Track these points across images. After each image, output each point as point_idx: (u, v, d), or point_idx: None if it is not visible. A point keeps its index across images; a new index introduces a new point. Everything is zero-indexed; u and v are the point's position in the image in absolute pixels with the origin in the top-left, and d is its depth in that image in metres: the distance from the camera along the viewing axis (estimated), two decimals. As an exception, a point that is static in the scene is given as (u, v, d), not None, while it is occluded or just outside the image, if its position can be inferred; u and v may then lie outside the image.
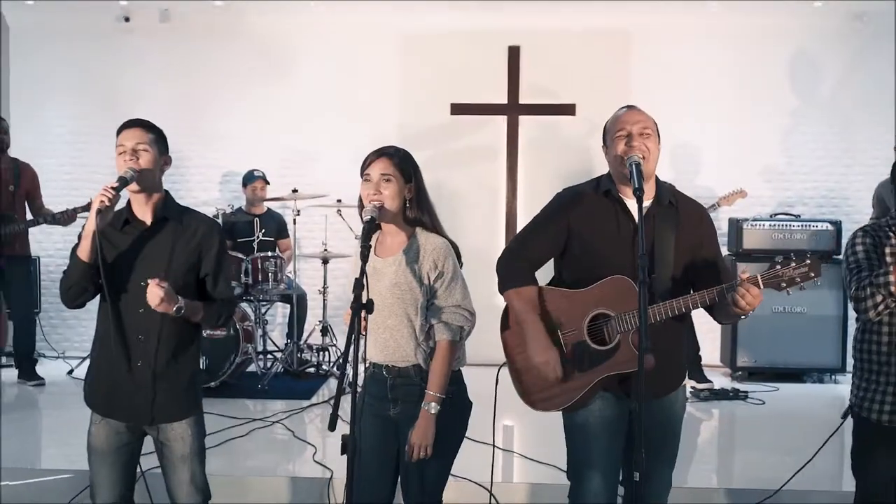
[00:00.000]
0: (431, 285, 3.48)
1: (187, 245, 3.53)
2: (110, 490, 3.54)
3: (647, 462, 3.27)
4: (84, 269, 3.38)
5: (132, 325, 3.47)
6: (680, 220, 3.47)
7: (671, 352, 3.47)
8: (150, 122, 3.63)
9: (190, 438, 3.56)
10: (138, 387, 3.49)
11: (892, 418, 3.57)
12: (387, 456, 3.57)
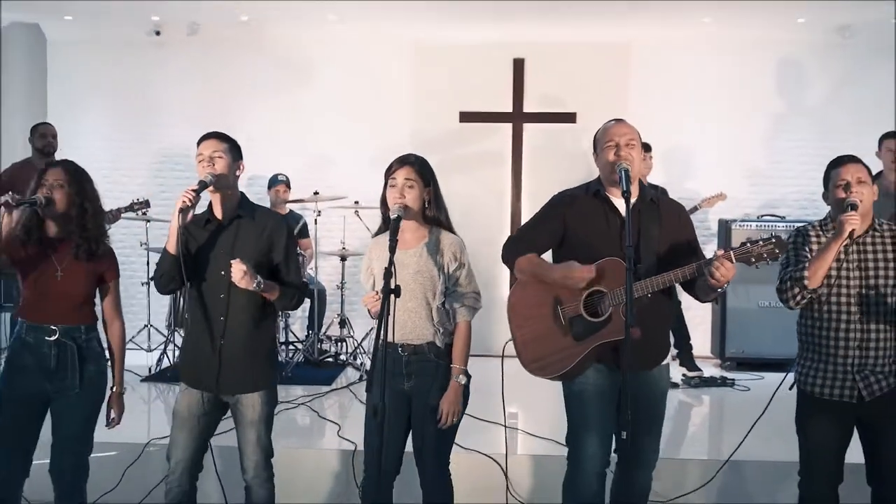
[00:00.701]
0: (452, 274, 3.99)
1: (259, 238, 4.00)
2: (184, 451, 4.03)
3: (636, 429, 3.75)
4: (172, 260, 3.89)
5: (215, 308, 3.97)
6: (661, 216, 3.96)
7: (656, 329, 3.94)
8: (225, 133, 4.12)
9: (260, 407, 4.05)
10: (220, 361, 3.98)
11: (822, 391, 4.04)
12: (399, 428, 4.02)
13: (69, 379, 4.08)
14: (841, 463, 4.16)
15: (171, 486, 4.08)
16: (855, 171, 4.06)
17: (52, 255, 4.10)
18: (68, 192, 4.09)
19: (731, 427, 6.41)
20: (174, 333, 7.68)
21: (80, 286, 4.14)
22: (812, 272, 3.90)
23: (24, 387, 4.10)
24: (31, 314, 4.10)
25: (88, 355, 4.16)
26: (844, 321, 4.00)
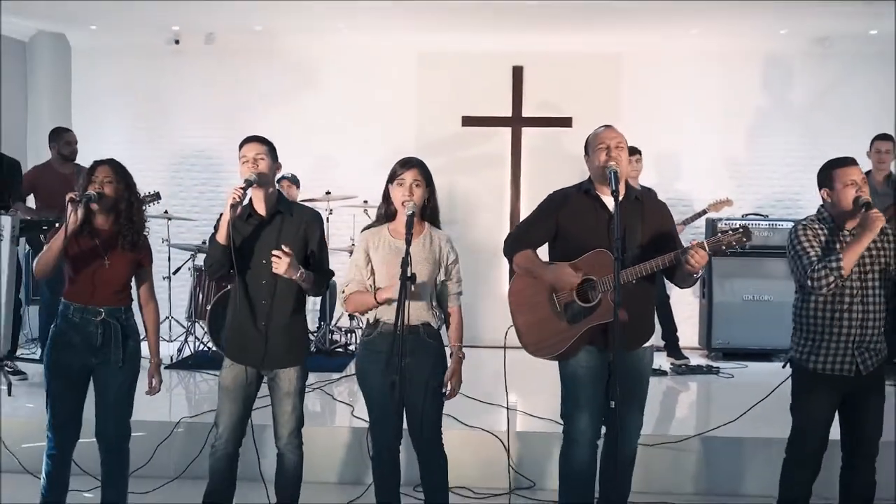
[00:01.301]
0: (447, 266, 4.43)
1: (296, 231, 4.44)
2: (230, 418, 4.49)
3: (622, 403, 4.20)
4: (222, 250, 4.33)
5: (257, 293, 4.42)
6: (644, 211, 4.39)
7: (641, 314, 4.36)
8: (265, 136, 4.56)
9: (295, 381, 4.50)
10: (262, 340, 4.43)
11: (824, 367, 4.42)
12: (400, 403, 4.30)
13: (113, 353, 4.51)
14: (827, 433, 4.53)
15: (218, 449, 4.53)
16: (859, 172, 4.45)
17: (100, 243, 4.52)
18: (117, 188, 4.51)
19: (714, 408, 6.86)
20: (194, 325, 8.09)
21: (122, 273, 4.57)
22: (847, 263, 4.26)
23: (70, 361, 4.52)
24: (79, 298, 4.51)
25: (129, 333, 4.59)
26: (847, 302, 4.38)
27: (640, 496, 5.05)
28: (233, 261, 4.36)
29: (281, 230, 4.46)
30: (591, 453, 4.43)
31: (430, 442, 4.49)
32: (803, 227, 4.49)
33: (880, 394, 4.51)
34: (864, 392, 4.46)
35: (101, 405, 4.61)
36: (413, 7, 8.03)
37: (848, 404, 4.51)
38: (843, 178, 4.39)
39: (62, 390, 4.56)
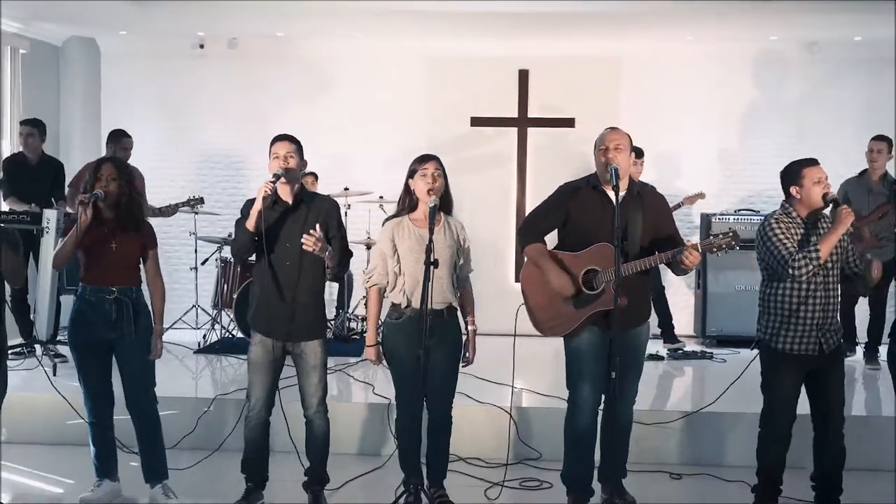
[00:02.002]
0: (465, 250, 4.93)
1: (317, 218, 4.87)
2: (261, 389, 4.95)
3: (621, 375, 4.65)
4: (250, 236, 4.79)
5: (282, 273, 4.86)
6: (644, 205, 4.85)
7: (638, 300, 4.82)
8: (293, 135, 4.98)
9: (319, 353, 4.96)
10: (288, 315, 4.86)
11: (791, 347, 4.88)
12: (420, 373, 4.77)
13: (126, 328, 5.01)
14: (795, 407, 5.00)
15: (252, 418, 5.00)
16: (824, 172, 4.89)
17: (108, 231, 5.01)
18: (119, 184, 5.02)
19: (708, 389, 7.21)
20: (220, 313, 8.50)
21: (129, 256, 5.09)
22: (824, 252, 4.72)
23: (90, 337, 5.03)
24: (93, 279, 5.02)
25: (139, 309, 5.10)
26: (812, 288, 4.82)
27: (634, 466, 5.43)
28: (263, 245, 4.80)
29: (304, 218, 4.89)
30: (593, 418, 4.91)
31: (443, 408, 5.00)
32: (776, 220, 4.90)
33: (840, 369, 4.99)
34: (827, 369, 4.93)
35: (125, 378, 5.11)
36: (424, 14, 8.27)
37: (812, 380, 4.97)
38: (811, 177, 4.82)
39: (88, 363, 5.09)
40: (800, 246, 4.79)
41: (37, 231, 7.19)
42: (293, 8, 8.07)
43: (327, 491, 5.20)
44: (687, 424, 6.16)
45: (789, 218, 4.90)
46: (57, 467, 5.78)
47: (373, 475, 5.71)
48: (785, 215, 4.92)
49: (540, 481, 5.66)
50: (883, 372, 7.23)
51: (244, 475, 5.13)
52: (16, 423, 5.39)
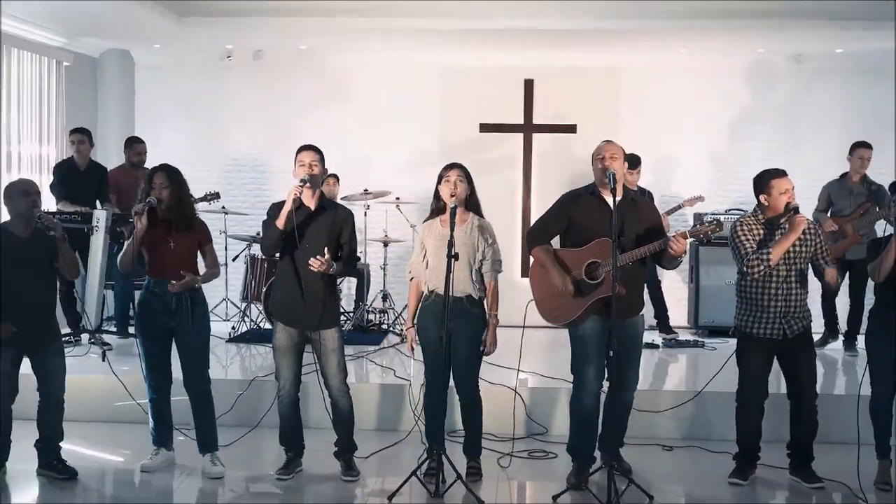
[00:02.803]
0: (485, 247, 5.46)
1: (334, 223, 5.45)
2: (288, 370, 5.56)
3: (621, 362, 5.25)
4: (279, 234, 5.36)
5: (302, 270, 5.40)
6: (638, 209, 5.42)
7: (634, 289, 5.41)
8: (317, 145, 5.54)
9: (336, 339, 5.54)
10: (307, 307, 5.43)
11: (759, 332, 5.50)
12: (448, 355, 5.44)
13: (185, 316, 5.61)
14: (766, 384, 5.62)
15: (283, 397, 5.61)
16: (790, 182, 5.49)
17: (165, 232, 5.61)
18: (171, 191, 5.60)
19: (699, 373, 7.74)
20: (249, 306, 9.04)
21: (186, 251, 5.69)
22: (775, 255, 5.34)
23: (154, 323, 5.65)
24: (156, 273, 5.63)
25: (197, 300, 5.71)
26: (775, 282, 5.44)
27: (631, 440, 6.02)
28: (295, 241, 5.37)
29: (323, 223, 5.45)
30: (596, 399, 5.49)
31: (470, 386, 5.56)
32: (741, 223, 5.54)
33: (809, 351, 5.59)
34: (795, 351, 5.54)
35: (184, 360, 5.71)
36: (436, 31, 8.76)
37: (785, 362, 5.59)
38: (779, 187, 5.44)
39: (150, 345, 5.70)
40: (759, 247, 5.39)
41: (87, 230, 7.78)
42: (315, 24, 8.60)
43: (356, 459, 5.79)
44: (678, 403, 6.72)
45: (756, 221, 5.51)
46: (112, 441, 6.36)
47: (395, 447, 6.27)
48: (753, 218, 5.53)
49: (546, 452, 6.26)
50: (860, 358, 7.85)
51: (283, 447, 5.74)
52: (72, 403, 5.91)
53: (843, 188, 8.23)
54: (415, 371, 7.11)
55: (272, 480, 5.64)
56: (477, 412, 5.66)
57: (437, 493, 5.31)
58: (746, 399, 5.67)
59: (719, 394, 6.47)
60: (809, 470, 5.65)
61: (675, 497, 5.66)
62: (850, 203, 8.13)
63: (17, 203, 5.39)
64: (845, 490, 5.54)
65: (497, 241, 5.62)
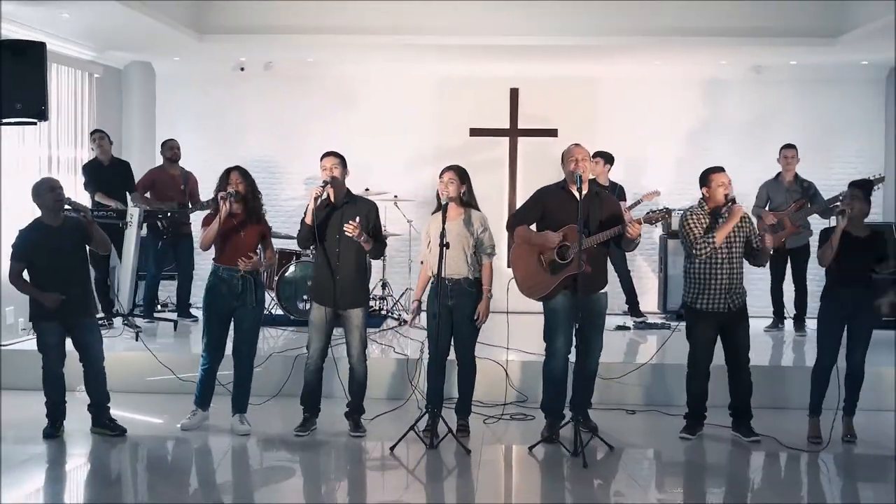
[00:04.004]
0: (479, 236, 6.30)
1: (357, 213, 6.27)
2: (317, 342, 6.41)
3: (587, 332, 6.14)
4: (309, 229, 6.21)
5: (333, 257, 6.27)
6: (601, 202, 6.29)
7: (598, 268, 6.26)
8: (338, 151, 6.37)
9: (360, 317, 6.40)
10: (338, 288, 6.28)
11: (703, 307, 6.38)
12: (447, 326, 6.30)
13: (249, 297, 6.45)
14: (711, 352, 6.49)
15: (310, 365, 6.47)
16: (727, 177, 6.39)
17: (237, 223, 6.44)
18: (245, 186, 6.45)
19: (663, 350, 8.58)
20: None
21: (252, 242, 6.52)
22: (718, 239, 6.23)
23: (220, 305, 6.47)
24: (226, 261, 6.44)
25: (259, 284, 6.56)
26: (720, 262, 6.32)
27: (599, 405, 7.00)
28: (325, 233, 6.25)
29: (348, 214, 6.28)
30: (565, 364, 6.37)
31: (468, 353, 6.44)
32: (689, 213, 6.43)
33: (745, 322, 6.46)
34: (735, 323, 6.42)
35: (238, 333, 6.56)
36: (431, 46, 9.51)
37: (725, 332, 6.46)
38: (717, 181, 6.33)
39: (214, 324, 6.53)
40: (705, 233, 6.27)
41: (122, 225, 8.59)
42: (321, 39, 9.37)
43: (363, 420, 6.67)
44: (642, 375, 7.62)
45: (702, 212, 6.39)
46: (150, 408, 7.22)
47: (396, 411, 7.15)
48: (699, 209, 6.41)
49: (525, 415, 7.16)
50: (808, 337, 8.72)
51: (302, 407, 6.61)
52: (110, 377, 6.60)
53: (779, 186, 9.14)
54: (411, 350, 7.95)
55: (291, 436, 6.51)
56: (471, 376, 6.54)
57: (432, 445, 6.22)
58: (696, 365, 6.55)
59: (679, 366, 7.14)
60: (748, 426, 6.54)
61: (632, 448, 6.54)
62: (785, 198, 9.03)
63: (46, 198, 6.25)
64: (776, 443, 6.46)
65: (489, 230, 6.47)
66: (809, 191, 8.98)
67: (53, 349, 6.31)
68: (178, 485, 5.81)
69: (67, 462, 6.18)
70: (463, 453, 6.17)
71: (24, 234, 6.28)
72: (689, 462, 6.31)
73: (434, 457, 6.18)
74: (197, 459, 6.36)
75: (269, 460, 6.33)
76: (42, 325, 6.29)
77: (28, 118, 7.00)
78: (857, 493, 5.94)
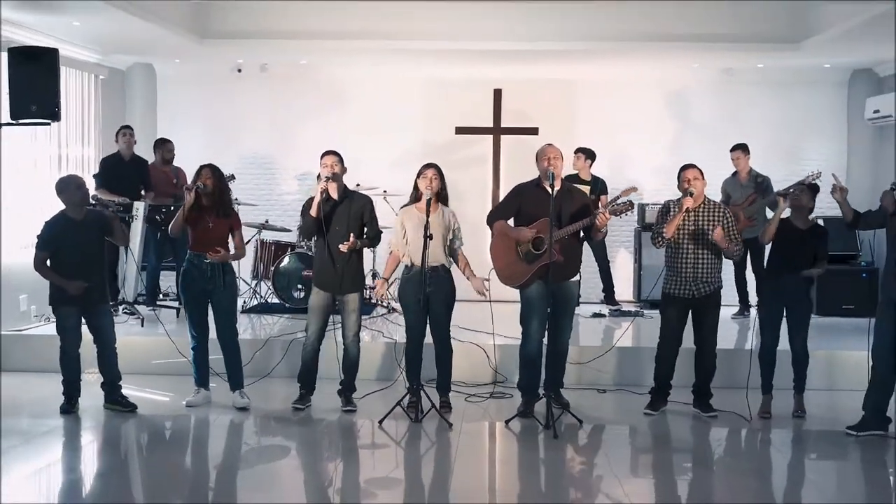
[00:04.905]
0: (453, 228, 6.80)
1: (356, 208, 6.79)
2: (315, 324, 6.91)
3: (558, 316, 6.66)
4: (313, 221, 6.71)
5: (334, 248, 6.75)
6: (572, 197, 6.79)
7: (570, 258, 6.74)
8: (337, 150, 6.85)
9: (357, 301, 6.89)
10: (337, 276, 6.78)
11: (671, 292, 6.89)
12: (424, 312, 6.77)
13: (217, 281, 6.95)
14: (680, 334, 6.99)
15: (308, 346, 6.98)
16: (693, 173, 6.88)
17: (206, 215, 6.93)
18: (214, 181, 6.95)
19: (636, 336, 9.08)
20: (259, 283, 10.32)
21: (220, 232, 7.01)
22: (667, 231, 6.75)
23: (194, 288, 7.00)
24: (196, 248, 6.97)
25: (227, 270, 7.05)
26: (685, 252, 6.83)
27: (573, 385, 7.58)
28: (327, 226, 6.74)
29: (348, 209, 6.81)
30: (539, 346, 6.88)
31: (444, 335, 6.93)
32: (662, 208, 6.94)
33: (715, 309, 6.96)
34: (703, 309, 6.92)
35: (217, 317, 7.08)
36: (418, 50, 9.97)
37: (694, 317, 6.97)
38: (684, 177, 6.84)
39: (192, 305, 7.07)
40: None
41: (128, 218, 9.04)
42: (313, 44, 9.84)
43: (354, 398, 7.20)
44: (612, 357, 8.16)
45: (675, 205, 6.88)
46: (156, 387, 7.73)
47: (384, 391, 7.66)
48: (674, 204, 6.89)
49: (504, 393, 7.71)
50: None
51: (299, 384, 7.14)
52: (120, 359, 7.09)
53: (736, 183, 9.72)
54: (399, 335, 8.33)
55: (289, 411, 7.05)
56: (448, 356, 7.06)
57: (417, 419, 6.75)
58: (664, 345, 7.08)
59: (649, 349, 7.64)
60: (707, 404, 7.09)
61: (599, 422, 7.09)
62: (741, 194, 9.60)
63: (72, 194, 6.77)
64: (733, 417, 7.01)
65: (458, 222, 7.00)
66: (762, 185, 9.53)
67: (71, 332, 6.83)
68: (183, 454, 6.39)
69: (83, 434, 6.70)
70: (445, 426, 6.70)
71: (49, 226, 6.80)
72: (648, 433, 6.88)
73: (418, 429, 6.71)
74: (201, 432, 6.89)
75: (268, 433, 6.84)
76: (62, 309, 6.80)
77: (42, 119, 7.46)
78: (804, 462, 6.52)
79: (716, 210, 6.91)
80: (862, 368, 6.97)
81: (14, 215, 8.62)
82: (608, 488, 5.73)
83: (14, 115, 7.23)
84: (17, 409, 7.06)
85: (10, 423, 6.61)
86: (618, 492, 5.61)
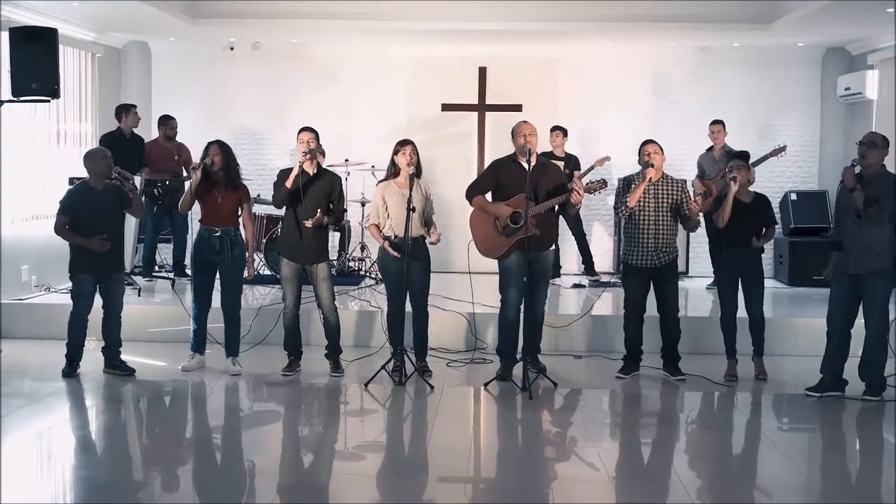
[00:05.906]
0: (429, 199, 7.08)
1: (327, 184, 7.05)
2: (291, 293, 7.21)
3: (535, 285, 6.96)
4: (287, 192, 6.97)
5: (302, 219, 7.00)
6: (547, 172, 7.09)
7: (546, 230, 7.04)
8: (312, 126, 7.10)
9: (326, 270, 7.17)
10: (305, 246, 7.05)
11: (637, 262, 7.17)
12: (403, 279, 7.06)
13: (226, 254, 7.22)
14: (644, 302, 7.31)
15: (287, 314, 7.29)
16: (653, 147, 7.16)
17: (215, 189, 7.20)
18: (222, 157, 7.21)
19: (612, 304, 9.44)
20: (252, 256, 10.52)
21: (229, 205, 7.27)
22: (630, 201, 7.05)
23: (203, 260, 7.27)
24: (206, 221, 7.24)
25: (235, 242, 7.29)
26: (646, 223, 7.10)
27: (550, 351, 7.93)
28: (300, 197, 6.96)
29: (319, 185, 7.06)
30: (517, 313, 7.19)
31: (423, 302, 7.24)
32: (624, 180, 7.21)
33: (674, 277, 7.26)
34: (663, 278, 7.23)
35: (223, 288, 7.36)
36: (406, 30, 10.20)
37: (656, 286, 7.28)
38: (645, 151, 7.11)
39: (199, 276, 7.34)
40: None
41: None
42: (303, 24, 10.06)
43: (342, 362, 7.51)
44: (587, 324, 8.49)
45: (637, 177, 7.18)
46: (153, 354, 8.03)
47: (369, 357, 7.99)
48: (637, 175, 7.19)
49: (484, 359, 8.04)
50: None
51: (287, 351, 7.46)
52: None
53: (710, 158, 10.05)
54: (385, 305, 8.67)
55: (279, 376, 7.36)
56: (425, 322, 7.38)
57: (401, 382, 7.09)
58: (629, 312, 7.40)
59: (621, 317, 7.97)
60: (676, 367, 7.42)
61: (574, 385, 7.43)
62: (715, 168, 9.89)
63: (99, 165, 7.07)
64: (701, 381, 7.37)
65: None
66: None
67: (85, 297, 7.16)
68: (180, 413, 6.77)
69: (86, 396, 7.01)
70: (427, 389, 7.03)
71: (71, 193, 7.18)
72: (619, 394, 7.22)
73: (402, 392, 7.05)
74: (196, 394, 7.22)
75: (259, 397, 7.15)
76: (80, 276, 7.12)
77: (42, 96, 7.71)
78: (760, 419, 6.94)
79: (674, 185, 7.18)
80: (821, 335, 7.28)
81: (15, 189, 8.86)
82: (580, 446, 6.06)
83: (15, 93, 7.49)
84: (21, 372, 7.38)
85: (15, 386, 6.94)
86: (589, 449, 5.93)
